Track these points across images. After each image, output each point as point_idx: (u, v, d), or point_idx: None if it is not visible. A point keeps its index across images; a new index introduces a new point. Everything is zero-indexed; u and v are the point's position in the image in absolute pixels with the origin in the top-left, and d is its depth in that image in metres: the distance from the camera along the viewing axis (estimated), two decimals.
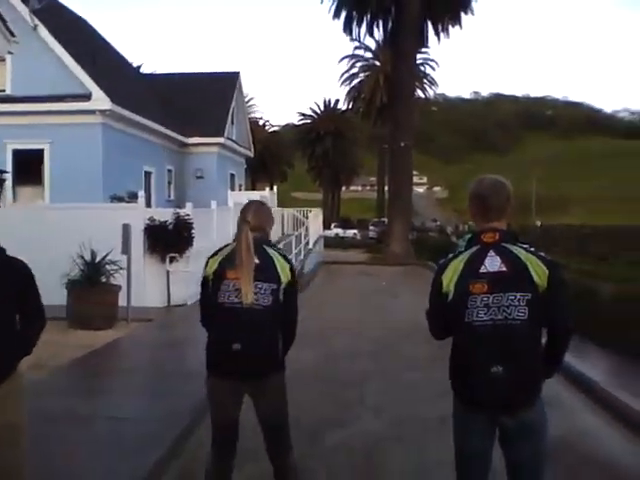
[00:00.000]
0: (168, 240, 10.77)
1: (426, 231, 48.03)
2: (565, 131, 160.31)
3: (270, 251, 3.05)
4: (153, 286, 10.74)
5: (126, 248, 9.25)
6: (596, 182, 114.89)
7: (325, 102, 59.05)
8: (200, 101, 22.10)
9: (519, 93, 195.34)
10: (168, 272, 10.88)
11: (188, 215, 11.19)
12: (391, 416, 5.40)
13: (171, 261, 10.88)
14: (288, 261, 3.09)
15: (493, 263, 2.44)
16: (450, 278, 2.51)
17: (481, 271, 2.44)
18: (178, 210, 11.43)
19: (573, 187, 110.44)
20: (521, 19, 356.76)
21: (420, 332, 9.59)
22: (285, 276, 3.00)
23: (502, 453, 2.57)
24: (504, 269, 2.43)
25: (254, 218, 3.10)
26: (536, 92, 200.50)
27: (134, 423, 4.87)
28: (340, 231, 43.54)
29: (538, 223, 48.83)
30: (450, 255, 2.60)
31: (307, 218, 22.21)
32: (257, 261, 2.96)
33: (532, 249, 2.50)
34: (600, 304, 8.49)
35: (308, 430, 4.99)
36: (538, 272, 2.41)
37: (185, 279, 10.97)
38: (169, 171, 20.79)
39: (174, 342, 8.28)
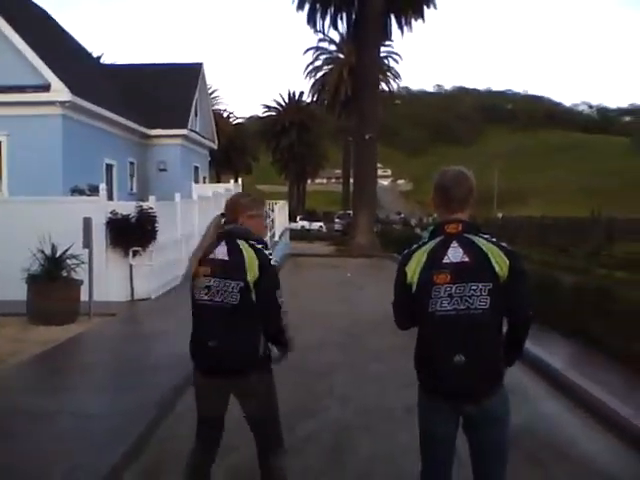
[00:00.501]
0: (131, 234, 10.60)
1: (390, 223, 48.46)
2: (526, 124, 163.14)
3: (244, 246, 2.91)
4: (116, 280, 10.58)
5: (87, 242, 9.09)
6: (555, 174, 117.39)
7: (290, 94, 58.84)
8: (163, 92, 21.76)
9: (481, 87, 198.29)
10: (131, 266, 10.72)
11: (151, 208, 11.03)
12: (359, 406, 5.45)
13: (134, 255, 10.72)
14: (260, 256, 2.91)
15: (456, 254, 2.47)
16: (414, 269, 2.52)
17: (444, 261, 2.47)
18: (141, 203, 11.26)
19: (533, 179, 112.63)
20: (482, 13, 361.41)
21: (386, 323, 9.69)
22: (252, 273, 2.85)
23: (466, 440, 2.62)
24: (467, 260, 2.46)
25: (227, 207, 3.04)
26: (498, 86, 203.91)
27: (97, 419, 4.80)
28: (306, 224, 43.56)
29: (499, 215, 49.65)
30: (414, 246, 2.62)
31: (273, 211, 22.13)
32: (226, 257, 2.88)
33: (493, 240, 2.53)
34: (561, 294, 8.71)
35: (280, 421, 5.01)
36: (499, 262, 2.45)
37: (149, 273, 10.85)
38: (131, 163, 20.44)
39: (137, 336, 8.19)
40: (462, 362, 2.42)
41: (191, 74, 24.13)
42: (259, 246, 2.96)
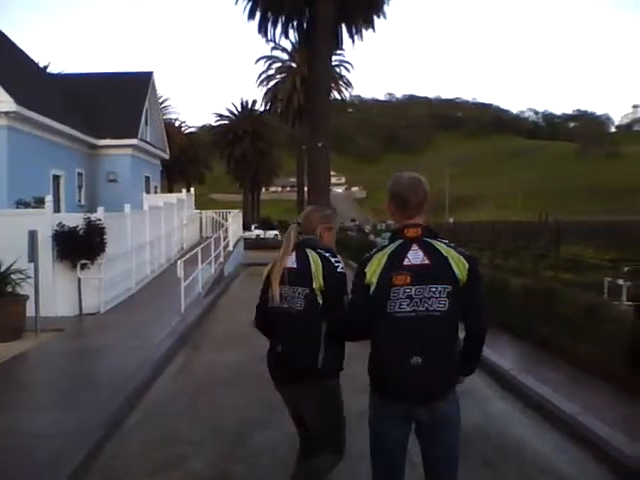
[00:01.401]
0: (79, 246, 10.33)
1: (345, 230, 48.71)
2: (475, 131, 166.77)
3: (311, 254, 3.00)
4: (63, 294, 10.30)
5: (33, 256, 8.82)
6: (505, 180, 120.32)
7: (242, 103, 58.62)
8: (112, 102, 21.34)
9: (431, 95, 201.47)
10: (79, 279, 10.45)
11: (100, 220, 10.79)
12: None
13: (82, 268, 10.46)
14: (326, 264, 2.97)
15: (416, 256, 2.51)
16: (373, 270, 2.55)
17: (405, 264, 2.50)
18: (89, 215, 11.00)
19: (484, 185, 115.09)
20: (431, 23, 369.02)
21: None
22: (318, 280, 2.93)
23: (418, 444, 2.65)
24: (427, 262, 2.50)
25: (303, 220, 3.20)
26: (447, 94, 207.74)
27: (42, 439, 4.64)
28: (261, 232, 43.33)
29: (451, 220, 50.56)
30: (374, 250, 2.66)
31: (226, 220, 21.97)
32: (295, 265, 3.00)
33: (452, 244, 2.60)
34: (510, 297, 8.90)
35: (233, 433, 4.96)
36: (459, 266, 2.50)
37: (98, 286, 10.60)
38: (79, 174, 19.97)
39: (85, 352, 7.98)
40: (419, 364, 2.44)
41: (141, 83, 23.78)
42: (327, 254, 3.04)
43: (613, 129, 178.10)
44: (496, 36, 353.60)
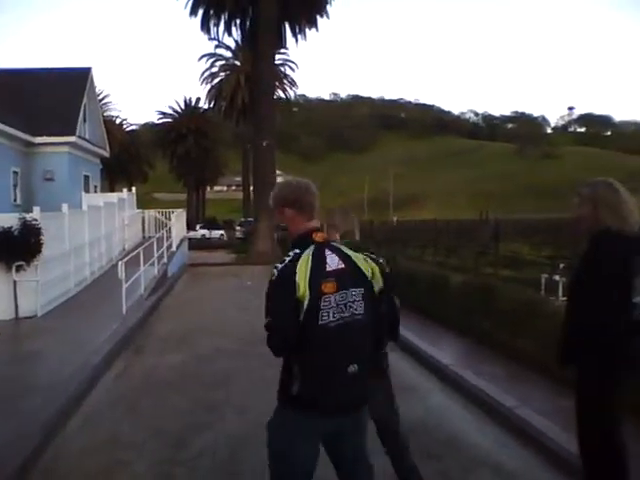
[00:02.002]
0: (13, 247, 9.96)
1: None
2: (418, 132, 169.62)
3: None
4: None
5: None
6: (447, 179, 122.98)
7: (186, 101, 57.76)
8: (49, 98, 20.64)
9: (375, 95, 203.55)
10: (15, 282, 10.06)
11: (36, 220, 10.41)
12: (256, 415, 5.38)
13: (18, 270, 10.07)
14: (375, 261, 2.68)
15: (333, 261, 2.47)
16: (304, 280, 2.35)
17: (327, 270, 2.43)
18: (25, 215, 10.60)
19: (427, 184, 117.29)
20: (375, 25, 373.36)
21: None
22: (375, 276, 2.60)
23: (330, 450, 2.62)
24: (343, 266, 2.47)
25: (344, 222, 3.26)
26: (390, 95, 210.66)
27: None
28: (206, 232, 42.80)
29: (395, 219, 51.31)
30: (287, 259, 2.42)
31: (170, 220, 21.60)
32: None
33: (350, 247, 2.63)
34: (451, 293, 9.10)
35: (173, 435, 4.88)
36: (366, 267, 2.54)
37: (34, 289, 10.22)
38: (15, 173, 19.24)
39: (22, 357, 7.69)
40: (356, 371, 2.39)
41: (79, 79, 23.08)
42: (367, 254, 2.82)
43: (549, 130, 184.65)
44: (437, 38, 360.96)
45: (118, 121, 53.81)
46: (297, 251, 2.46)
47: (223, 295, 13.75)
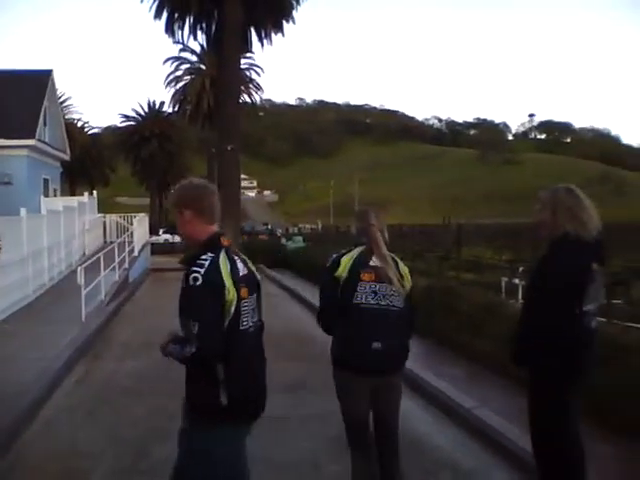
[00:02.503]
0: None
1: (257, 234, 48.55)
2: (383, 137, 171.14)
3: (394, 256, 3.27)
4: None
5: None
6: (412, 184, 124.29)
7: (150, 104, 57.08)
8: (7, 101, 20.11)
9: (340, 101, 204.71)
10: None
11: None
12: None
13: None
14: (408, 268, 3.32)
15: (241, 266, 2.51)
16: (230, 284, 2.39)
17: (240, 274, 2.48)
18: None
19: (392, 189, 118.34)
20: (340, 31, 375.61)
21: None
22: (408, 281, 3.26)
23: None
24: (246, 272, 2.55)
25: (378, 221, 3.31)
26: (355, 100, 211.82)
27: None
28: (169, 237, 42.34)
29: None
30: (205, 262, 2.37)
31: (132, 224, 21.28)
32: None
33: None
34: (415, 297, 9.16)
35: (135, 445, 4.80)
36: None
37: None
38: None
39: None
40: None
41: (39, 81, 22.58)
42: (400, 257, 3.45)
43: (510, 137, 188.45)
44: (402, 45, 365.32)
45: (80, 124, 52.92)
46: (211, 255, 2.39)
47: None
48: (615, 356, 4.67)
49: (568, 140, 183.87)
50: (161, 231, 43.02)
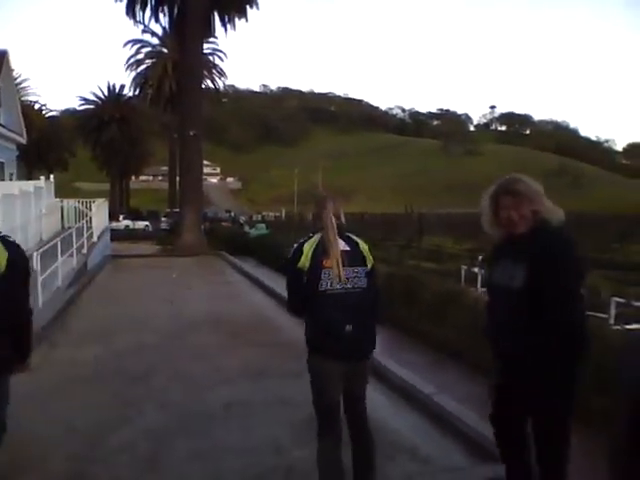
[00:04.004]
0: None
1: (220, 221, 48.13)
2: (347, 126, 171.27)
3: (353, 237, 3.36)
4: None
5: None
6: (375, 173, 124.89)
7: (109, 87, 55.86)
8: None
9: (304, 88, 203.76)
10: None
11: None
12: (177, 409, 5.31)
13: None
14: (369, 247, 3.40)
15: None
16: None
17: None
18: None
19: (356, 178, 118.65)
20: (305, 18, 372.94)
21: (210, 322, 9.61)
22: (369, 260, 3.32)
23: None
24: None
25: (333, 207, 3.34)
26: (320, 88, 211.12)
27: None
28: (130, 223, 41.70)
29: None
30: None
31: (91, 210, 20.82)
32: (347, 248, 3.24)
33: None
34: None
35: (89, 432, 4.72)
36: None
37: None
38: None
39: None
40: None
41: None
42: (364, 239, 3.52)
43: (472, 128, 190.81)
44: (367, 33, 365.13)
45: (37, 106, 51.46)
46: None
47: (147, 288, 13.41)
48: None
49: (528, 132, 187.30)
50: (121, 217, 42.28)
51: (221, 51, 47.85)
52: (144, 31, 44.05)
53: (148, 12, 25.76)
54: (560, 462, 2.90)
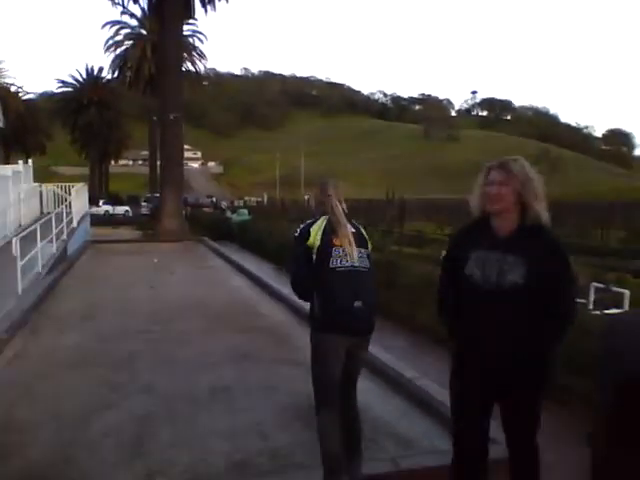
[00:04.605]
0: None
1: (201, 206, 47.87)
2: (329, 110, 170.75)
3: (354, 222, 3.53)
4: None
5: None
6: (357, 158, 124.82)
7: (88, 70, 54.99)
8: None
9: (286, 72, 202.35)
10: None
11: None
12: (162, 394, 5.32)
13: None
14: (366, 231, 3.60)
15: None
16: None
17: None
18: None
19: (338, 163, 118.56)
20: (286, 0, 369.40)
21: (193, 307, 9.60)
22: (370, 243, 3.54)
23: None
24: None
25: (336, 192, 3.51)
26: (302, 72, 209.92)
27: None
28: (110, 208, 41.29)
29: (306, 197, 51.62)
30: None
31: (70, 194, 20.58)
32: (353, 230, 3.43)
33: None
34: None
35: (73, 418, 4.72)
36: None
37: None
38: None
39: None
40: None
41: None
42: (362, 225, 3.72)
43: (454, 113, 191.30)
44: (348, 17, 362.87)
45: (13, 89, 50.48)
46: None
47: (128, 273, 13.34)
48: None
49: (508, 117, 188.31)
50: (101, 202, 41.84)
51: (201, 33, 47.37)
52: (123, 12, 43.34)
53: None
54: (536, 444, 2.96)
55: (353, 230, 3.41)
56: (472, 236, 2.96)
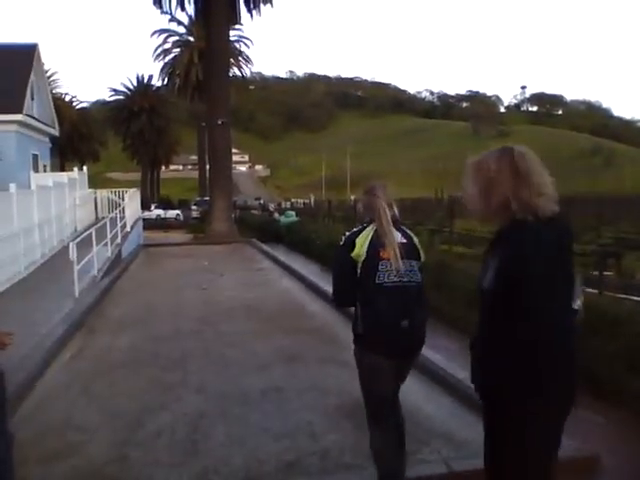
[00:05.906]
0: None
1: (249, 209, 48.42)
2: (375, 110, 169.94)
3: (407, 230, 3.25)
4: None
5: None
6: (403, 157, 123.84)
7: (138, 78, 56.43)
8: None
9: (331, 74, 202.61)
10: None
11: None
12: (213, 394, 5.40)
13: None
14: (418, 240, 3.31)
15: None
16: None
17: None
18: None
19: (384, 163, 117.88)
20: (331, 2, 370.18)
21: (243, 308, 9.70)
22: (422, 254, 3.24)
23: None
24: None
25: (384, 195, 3.23)
26: (347, 73, 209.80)
27: None
28: (161, 212, 42.18)
29: (352, 197, 51.55)
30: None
31: (123, 200, 21.16)
32: (404, 240, 3.14)
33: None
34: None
35: (128, 417, 4.83)
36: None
37: None
38: None
39: None
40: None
41: (25, 56, 22.19)
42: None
43: (503, 109, 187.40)
44: (394, 17, 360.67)
45: (68, 99, 52.25)
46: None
47: (180, 276, 13.60)
48: (606, 326, 4.72)
49: (559, 112, 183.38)
50: (153, 206, 42.80)
51: (247, 38, 48.03)
52: (171, 20, 44.16)
53: (174, 1, 25.93)
54: None
55: (404, 240, 3.12)
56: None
